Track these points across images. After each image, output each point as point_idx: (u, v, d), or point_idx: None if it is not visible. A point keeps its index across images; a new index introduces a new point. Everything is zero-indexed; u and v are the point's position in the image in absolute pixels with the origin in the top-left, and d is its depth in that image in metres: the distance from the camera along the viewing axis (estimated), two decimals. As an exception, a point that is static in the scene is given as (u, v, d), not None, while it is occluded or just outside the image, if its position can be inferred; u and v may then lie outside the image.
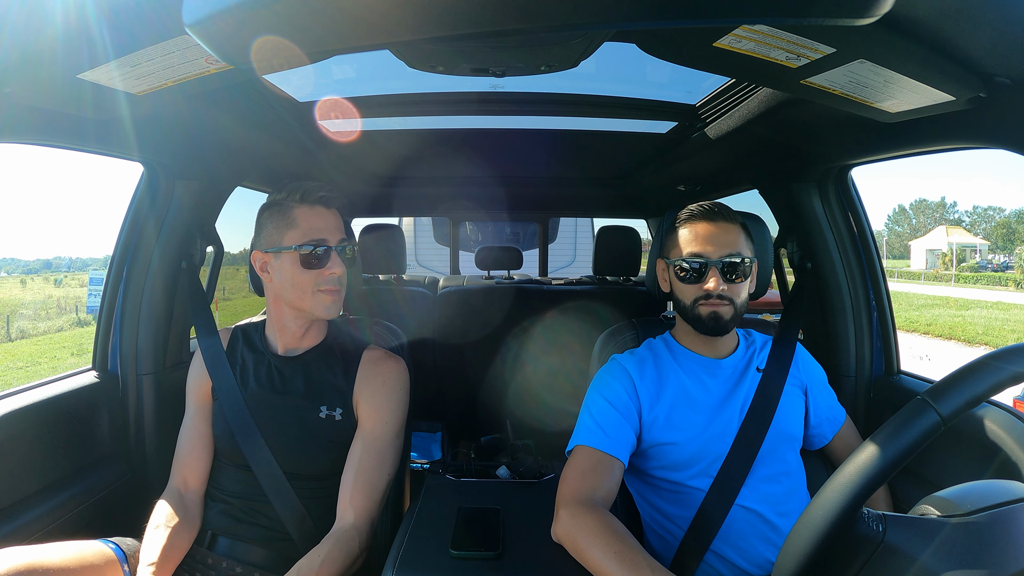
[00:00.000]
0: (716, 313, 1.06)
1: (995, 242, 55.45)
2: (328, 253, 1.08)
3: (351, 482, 1.07)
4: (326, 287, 1.09)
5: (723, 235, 1.07)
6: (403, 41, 0.57)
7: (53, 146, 1.01)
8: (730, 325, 1.07)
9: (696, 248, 1.08)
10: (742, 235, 1.09)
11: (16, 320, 14.55)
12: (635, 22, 0.54)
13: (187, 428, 1.17)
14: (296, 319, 1.15)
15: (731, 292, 1.06)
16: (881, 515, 0.59)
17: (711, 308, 1.06)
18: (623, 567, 0.76)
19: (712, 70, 0.91)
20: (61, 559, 0.92)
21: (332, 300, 1.10)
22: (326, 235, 1.08)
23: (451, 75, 1.06)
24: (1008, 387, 0.58)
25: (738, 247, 1.07)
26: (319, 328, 1.20)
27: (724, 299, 1.05)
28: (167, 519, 1.05)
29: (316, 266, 1.08)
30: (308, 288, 1.08)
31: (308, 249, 1.07)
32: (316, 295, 1.09)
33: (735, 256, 1.06)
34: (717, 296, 1.05)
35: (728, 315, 1.06)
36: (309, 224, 1.08)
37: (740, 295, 1.07)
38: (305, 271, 1.08)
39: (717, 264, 1.05)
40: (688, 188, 2.23)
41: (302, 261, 1.07)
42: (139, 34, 0.68)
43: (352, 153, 1.90)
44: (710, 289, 1.05)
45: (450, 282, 2.46)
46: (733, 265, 1.05)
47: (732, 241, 1.07)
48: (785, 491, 1.08)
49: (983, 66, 0.70)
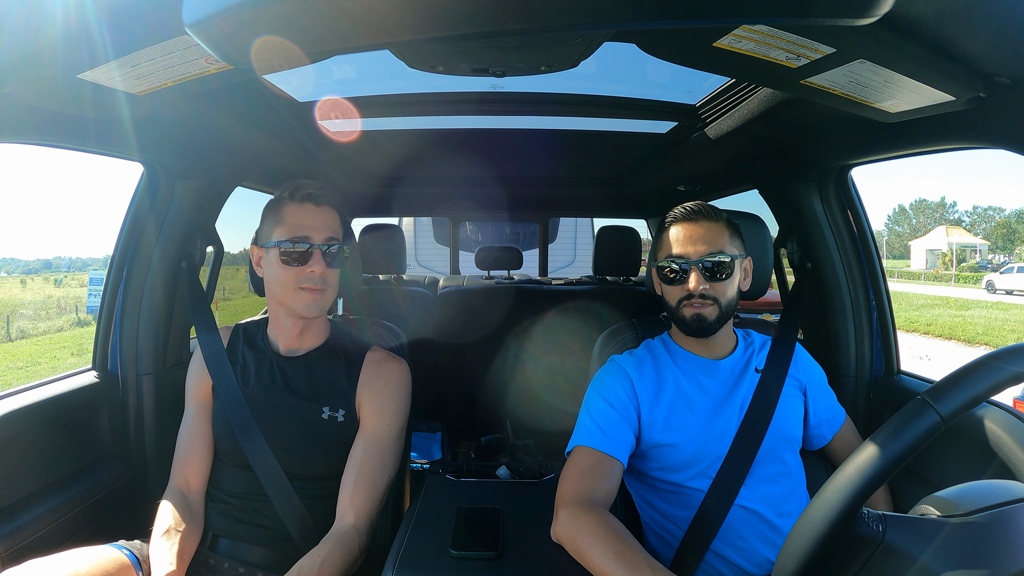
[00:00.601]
0: (699, 315, 1.06)
1: (995, 242, 55.43)
2: (310, 251, 1.08)
3: (352, 482, 1.07)
4: (306, 285, 1.09)
5: (704, 235, 1.07)
6: (403, 41, 0.57)
7: (53, 146, 1.01)
8: (715, 325, 1.07)
9: (678, 250, 1.08)
10: (726, 233, 1.08)
11: (16, 320, 14.54)
12: (635, 22, 0.54)
13: (187, 427, 1.17)
14: (289, 316, 1.15)
15: (715, 291, 1.05)
16: (881, 515, 0.59)
17: (694, 310, 1.06)
18: (623, 567, 0.76)
19: (712, 70, 0.91)
20: (82, 569, 0.91)
21: (313, 299, 1.09)
22: (310, 232, 1.08)
23: (451, 75, 1.06)
24: (1008, 387, 0.58)
25: (720, 245, 1.06)
26: (320, 328, 1.20)
27: (708, 299, 1.05)
28: (175, 522, 1.04)
29: (296, 263, 1.08)
30: (290, 285, 1.09)
31: (288, 246, 1.07)
32: (297, 292, 1.09)
33: (716, 255, 1.05)
34: (700, 296, 1.05)
35: (712, 316, 1.06)
36: (295, 220, 1.08)
37: (725, 294, 1.06)
38: (286, 268, 1.08)
39: (698, 264, 1.05)
40: (688, 188, 2.23)
41: (282, 257, 1.08)
42: (139, 34, 0.68)
43: (352, 153, 1.90)
44: (692, 289, 1.05)
45: (450, 282, 2.46)
46: (715, 264, 1.05)
47: (714, 240, 1.06)
48: (785, 491, 1.08)
49: (983, 66, 0.70)
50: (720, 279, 1.06)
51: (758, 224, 1.34)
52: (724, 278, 1.06)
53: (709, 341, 1.13)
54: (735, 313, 1.50)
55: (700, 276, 1.05)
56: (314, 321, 1.18)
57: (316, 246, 1.08)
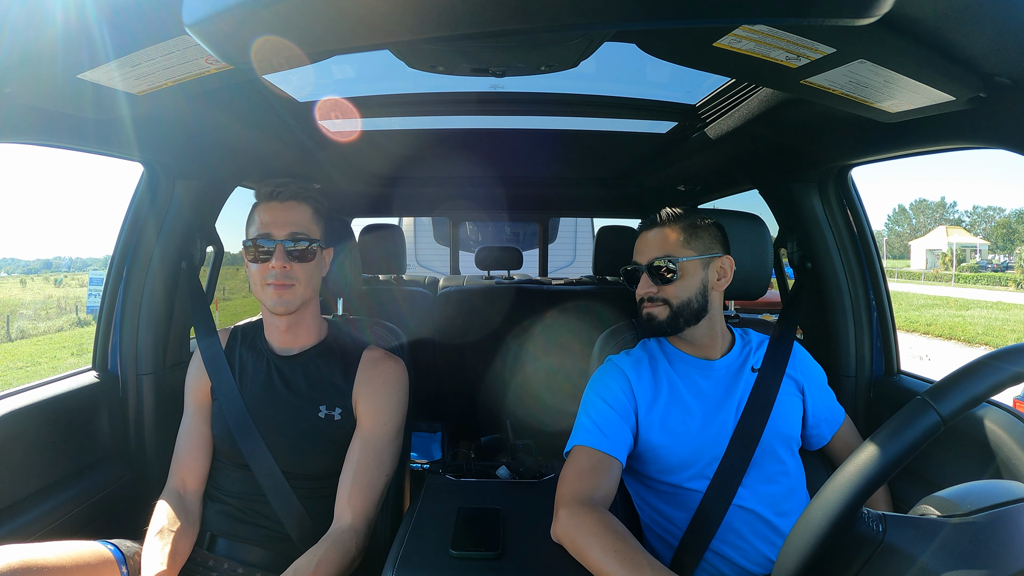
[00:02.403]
0: (650, 314, 1.11)
1: (995, 242, 55.42)
2: (272, 247, 1.10)
3: (349, 482, 1.07)
4: (271, 280, 1.10)
5: (652, 241, 1.12)
6: (403, 41, 0.57)
7: (53, 146, 1.01)
8: (666, 325, 1.10)
9: (635, 256, 1.15)
10: (678, 238, 1.11)
11: (16, 320, 14.54)
12: (635, 22, 0.54)
13: (186, 428, 1.17)
14: (271, 315, 1.16)
15: (663, 293, 1.10)
16: (881, 515, 0.59)
17: (645, 310, 1.12)
18: (623, 566, 0.76)
19: (712, 70, 0.91)
20: (57, 558, 0.91)
21: (278, 294, 1.10)
22: (271, 229, 1.10)
23: (451, 75, 1.06)
24: (1008, 387, 0.58)
25: (668, 250, 1.10)
26: (314, 327, 1.20)
27: (656, 301, 1.10)
28: (169, 522, 1.04)
29: (259, 260, 1.10)
30: (258, 282, 1.12)
31: (249, 244, 1.11)
32: (265, 289, 1.11)
33: (661, 259, 1.09)
34: (648, 299, 1.11)
35: (662, 315, 1.10)
36: (260, 219, 1.12)
37: (677, 295, 1.10)
38: (252, 265, 1.12)
39: (643, 268, 1.11)
40: (688, 188, 2.23)
41: (248, 255, 1.12)
42: (139, 34, 0.68)
43: (352, 153, 1.90)
44: (640, 293, 1.12)
45: (450, 282, 2.46)
46: (659, 268, 1.09)
47: (661, 245, 1.11)
48: (784, 491, 1.08)
49: (983, 66, 0.70)
50: (668, 281, 1.09)
51: (758, 224, 1.34)
52: (671, 280, 1.09)
53: (704, 341, 1.13)
54: (736, 314, 1.51)
55: (648, 279, 1.11)
56: (303, 319, 1.18)
57: (278, 241, 1.10)
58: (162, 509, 1.07)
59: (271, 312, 1.14)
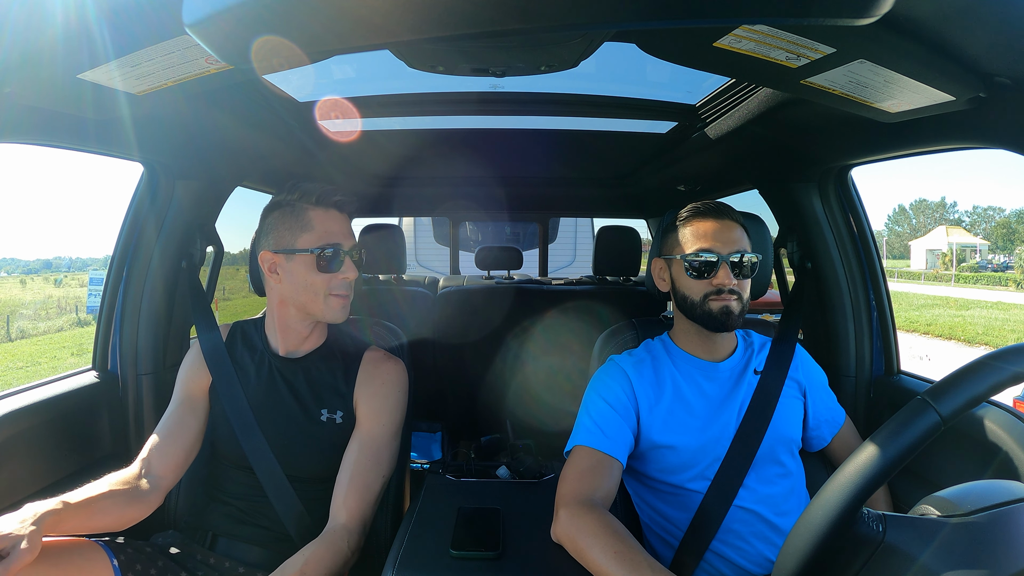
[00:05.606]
0: (727, 307, 1.07)
1: (995, 242, 55.43)
2: (343, 258, 1.09)
3: (346, 482, 1.07)
4: (338, 291, 1.10)
5: (730, 232, 1.09)
6: (403, 41, 0.57)
7: (53, 146, 1.01)
8: (739, 320, 1.09)
9: (705, 244, 1.09)
10: (745, 234, 1.11)
11: (16, 320, 14.55)
12: (635, 22, 0.54)
13: (169, 415, 1.13)
14: (302, 321, 1.14)
15: (740, 288, 1.08)
16: (881, 515, 0.59)
17: (722, 302, 1.07)
18: (623, 567, 0.76)
19: (712, 70, 0.91)
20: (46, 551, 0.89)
21: (342, 305, 1.11)
22: (341, 239, 1.09)
23: (451, 75, 1.06)
24: (1008, 387, 0.58)
25: (744, 245, 1.09)
26: (321, 330, 1.20)
27: (734, 294, 1.07)
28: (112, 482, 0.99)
29: (330, 270, 1.08)
30: (320, 291, 1.09)
31: (323, 252, 1.07)
32: (328, 299, 1.09)
33: (743, 253, 1.08)
34: (728, 291, 1.07)
35: (738, 310, 1.08)
36: (325, 228, 1.08)
37: (746, 291, 1.10)
38: (319, 274, 1.08)
39: (727, 260, 1.07)
40: (688, 188, 2.23)
41: (318, 265, 1.08)
42: (139, 34, 0.68)
43: (352, 153, 1.90)
44: (722, 284, 1.06)
45: (450, 282, 2.46)
46: (742, 262, 1.08)
47: (738, 239, 1.09)
48: (784, 492, 1.08)
49: (983, 66, 0.70)
50: (745, 276, 1.09)
51: (758, 224, 1.34)
52: (747, 276, 1.09)
53: (711, 342, 1.13)
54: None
55: (730, 271, 1.07)
56: (319, 324, 1.18)
57: (347, 252, 1.09)
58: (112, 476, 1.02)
59: (323, 321, 1.14)
